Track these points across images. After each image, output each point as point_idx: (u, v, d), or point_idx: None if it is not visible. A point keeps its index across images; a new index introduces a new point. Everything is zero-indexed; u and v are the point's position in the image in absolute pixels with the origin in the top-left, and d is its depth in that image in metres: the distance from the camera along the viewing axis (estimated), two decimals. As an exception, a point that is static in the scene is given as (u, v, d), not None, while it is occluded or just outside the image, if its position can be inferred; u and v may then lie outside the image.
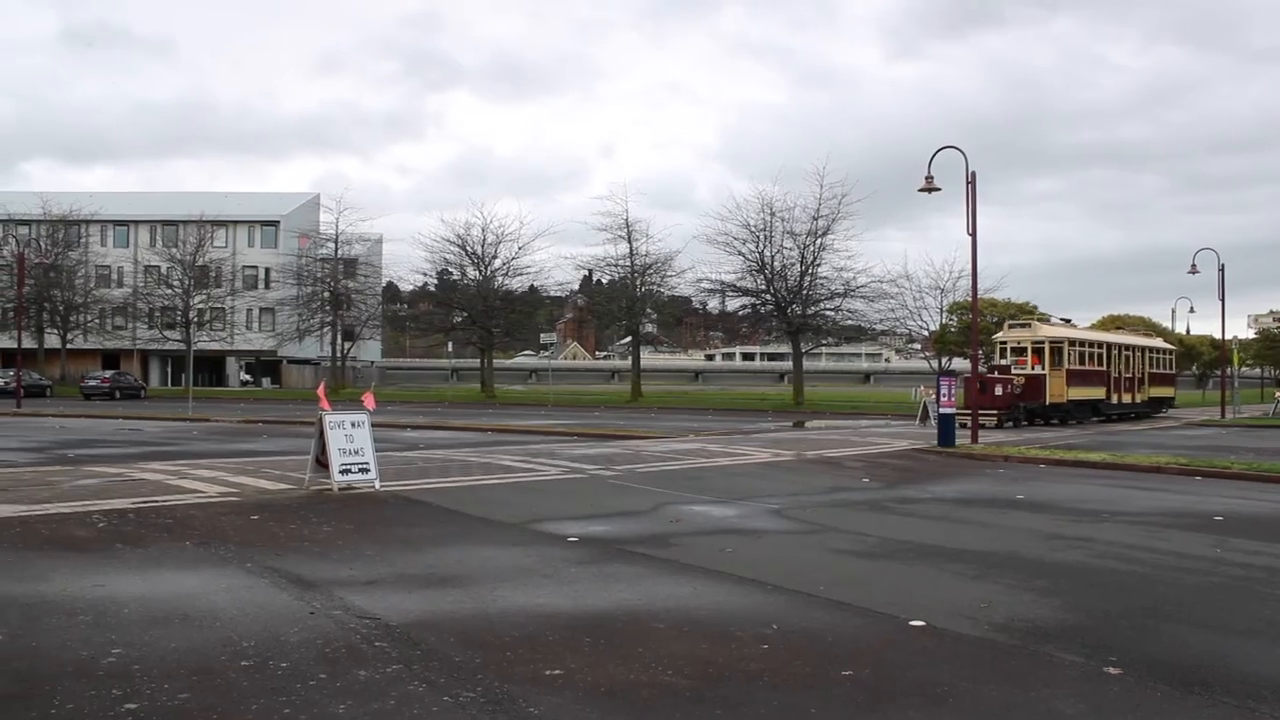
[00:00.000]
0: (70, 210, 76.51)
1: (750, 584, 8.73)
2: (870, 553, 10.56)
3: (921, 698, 5.63)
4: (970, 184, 25.76)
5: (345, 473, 14.27)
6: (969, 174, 25.71)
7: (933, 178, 26.12)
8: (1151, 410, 45.16)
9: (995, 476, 19.45)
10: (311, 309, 72.15)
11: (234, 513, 12.23)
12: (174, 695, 5.44)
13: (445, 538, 10.93)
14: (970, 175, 25.71)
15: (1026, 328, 38.82)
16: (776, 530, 12.08)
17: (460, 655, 6.25)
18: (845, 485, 17.18)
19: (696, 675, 5.96)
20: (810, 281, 58.32)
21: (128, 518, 11.63)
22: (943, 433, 25.51)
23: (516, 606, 7.68)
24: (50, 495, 13.45)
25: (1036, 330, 38.16)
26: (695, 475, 17.75)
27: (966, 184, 25.81)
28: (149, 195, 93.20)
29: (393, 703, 5.36)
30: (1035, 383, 36.02)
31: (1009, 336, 38.38)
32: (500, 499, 14.09)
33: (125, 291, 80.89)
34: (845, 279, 57.99)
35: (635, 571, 9.22)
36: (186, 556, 9.58)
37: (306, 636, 6.65)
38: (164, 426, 33.18)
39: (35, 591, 7.92)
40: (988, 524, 12.91)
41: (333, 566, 9.11)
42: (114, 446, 23.83)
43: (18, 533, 10.53)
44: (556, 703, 5.42)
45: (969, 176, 25.73)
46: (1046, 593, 8.53)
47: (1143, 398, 43.53)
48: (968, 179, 25.77)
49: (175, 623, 6.99)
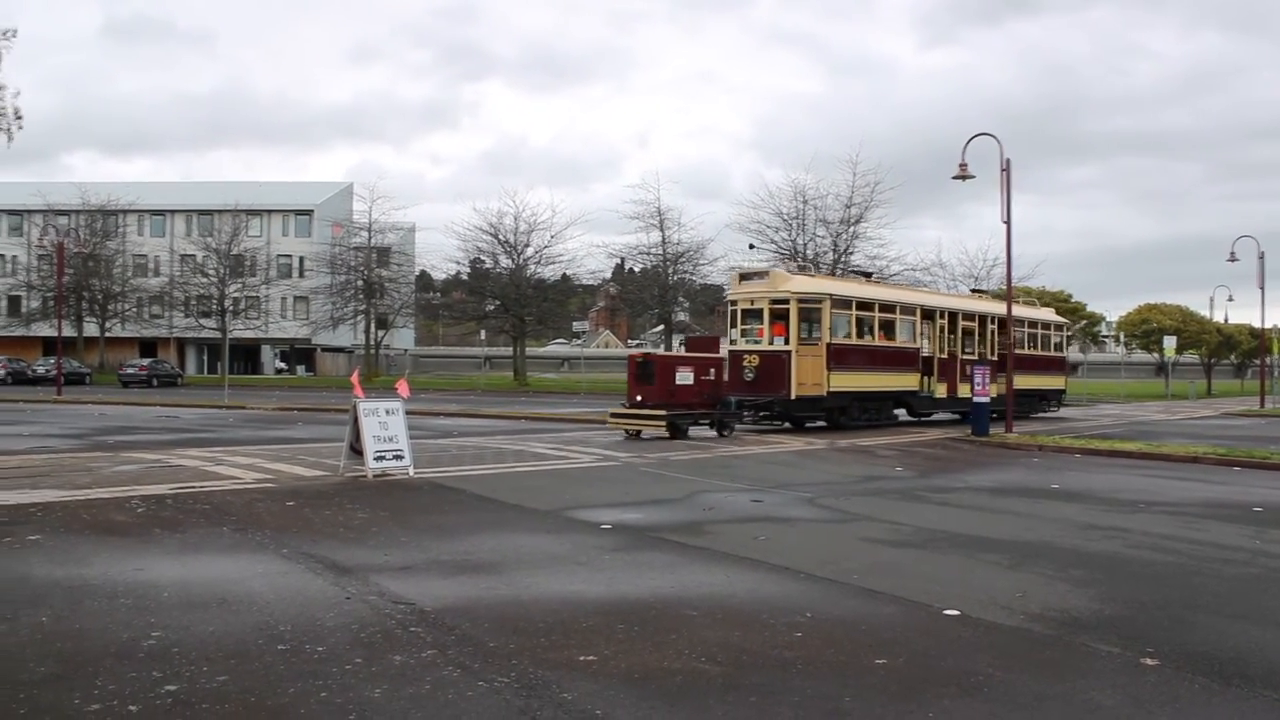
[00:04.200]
0: (108, 200, 77.35)
1: (783, 572, 8.72)
2: (904, 541, 10.52)
3: (956, 687, 5.61)
4: (1005, 171, 25.54)
5: (380, 459, 14.36)
6: (1004, 161, 25.49)
7: (966, 165, 25.92)
8: (1022, 408, 32.57)
9: (1029, 466, 19.33)
10: (345, 297, 72.60)
11: (270, 499, 12.34)
12: (212, 678, 5.50)
13: (479, 524, 10.98)
14: (1005, 163, 25.49)
15: (764, 278, 26.55)
16: (809, 518, 12.05)
17: (494, 641, 6.29)
18: (878, 474, 17.11)
19: (730, 662, 5.96)
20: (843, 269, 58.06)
21: (166, 503, 11.76)
22: (977, 421, 25.39)
23: (550, 593, 7.71)
24: (91, 481, 13.63)
25: (777, 282, 25.98)
26: (727, 463, 17.73)
27: (1001, 171, 25.59)
28: (185, 185, 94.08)
29: (428, 687, 5.39)
30: (774, 364, 24.74)
31: (741, 293, 26.27)
32: (533, 486, 14.14)
33: (162, 280, 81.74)
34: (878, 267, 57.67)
35: (668, 559, 9.23)
36: (223, 542, 9.67)
37: (342, 621, 6.70)
38: (200, 414, 33.51)
39: (77, 575, 8.02)
40: (1022, 513, 12.83)
41: (368, 552, 9.18)
42: (152, 433, 24.10)
43: (60, 517, 10.68)
44: (590, 689, 5.43)
45: (1003, 164, 25.51)
46: (1082, 583, 8.47)
47: (998, 390, 30.11)
48: (1002, 166, 25.55)
49: (213, 607, 7.07)
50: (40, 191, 77.58)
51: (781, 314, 25.11)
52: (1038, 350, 34.94)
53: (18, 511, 10.94)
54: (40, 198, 77.03)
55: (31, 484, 13.25)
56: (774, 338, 25.10)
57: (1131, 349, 71.40)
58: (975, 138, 26.11)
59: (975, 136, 26.12)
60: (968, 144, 26.00)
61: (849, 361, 25.81)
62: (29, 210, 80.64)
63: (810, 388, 24.80)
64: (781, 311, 25.10)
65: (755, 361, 24.89)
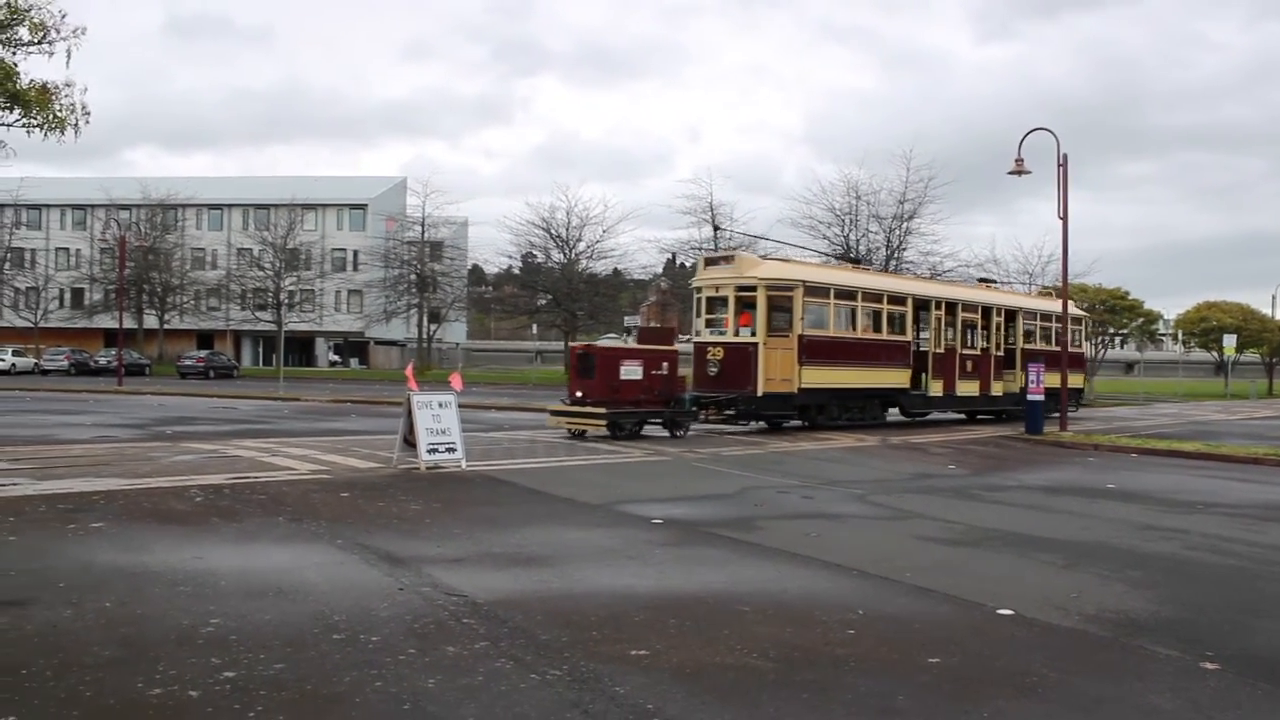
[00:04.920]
0: (168, 195, 78.61)
1: (835, 569, 8.68)
2: (957, 540, 10.43)
3: (1011, 688, 5.55)
4: (1062, 166, 25.22)
5: (432, 452, 14.48)
6: (1060, 156, 25.17)
7: (1023, 160, 25.64)
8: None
9: (1085, 465, 19.09)
10: (398, 291, 73.17)
11: (324, 490, 12.48)
12: (269, 665, 5.58)
13: (531, 518, 11.04)
14: (1062, 158, 25.16)
15: (730, 263, 24.01)
16: (861, 515, 11.99)
17: (546, 634, 6.32)
18: (930, 471, 16.98)
19: (782, 659, 5.95)
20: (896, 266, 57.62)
21: (223, 493, 11.94)
22: (1031, 419, 25.12)
23: (602, 587, 7.74)
24: (151, 470, 13.87)
25: (743, 267, 23.39)
26: (780, 459, 17.68)
27: (1058, 166, 25.28)
28: (242, 180, 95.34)
29: (480, 679, 5.43)
30: (739, 358, 22.50)
31: (706, 279, 23.98)
32: (584, 480, 14.19)
33: (219, 274, 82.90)
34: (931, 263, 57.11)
35: (719, 554, 9.23)
36: (279, 531, 9.81)
37: (396, 612, 6.77)
38: (256, 405, 33.97)
39: (139, 562, 8.17)
40: (1077, 513, 12.67)
41: (421, 544, 9.26)
42: (209, 424, 24.47)
43: (121, 505, 10.88)
44: (642, 683, 5.45)
45: (1060, 159, 25.19)
46: (1139, 584, 8.36)
47: (1006, 388, 29.51)
48: (1059, 161, 25.24)
49: (270, 595, 7.17)
50: (103, 186, 79.15)
51: (749, 302, 22.83)
52: (1051, 345, 31.69)
53: (82, 499, 11.16)
54: (103, 193, 78.58)
55: (95, 472, 13.51)
56: (740, 328, 22.83)
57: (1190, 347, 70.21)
58: (1032, 133, 25.82)
59: (1032, 131, 25.84)
60: (1024, 139, 25.73)
61: (825, 355, 23.43)
62: (92, 205, 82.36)
63: (779, 384, 22.46)
64: (749, 300, 22.80)
65: (719, 355, 22.73)
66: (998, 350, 29.18)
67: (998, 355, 29.08)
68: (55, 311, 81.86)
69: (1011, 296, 34.30)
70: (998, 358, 29.06)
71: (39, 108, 10.55)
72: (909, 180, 56.15)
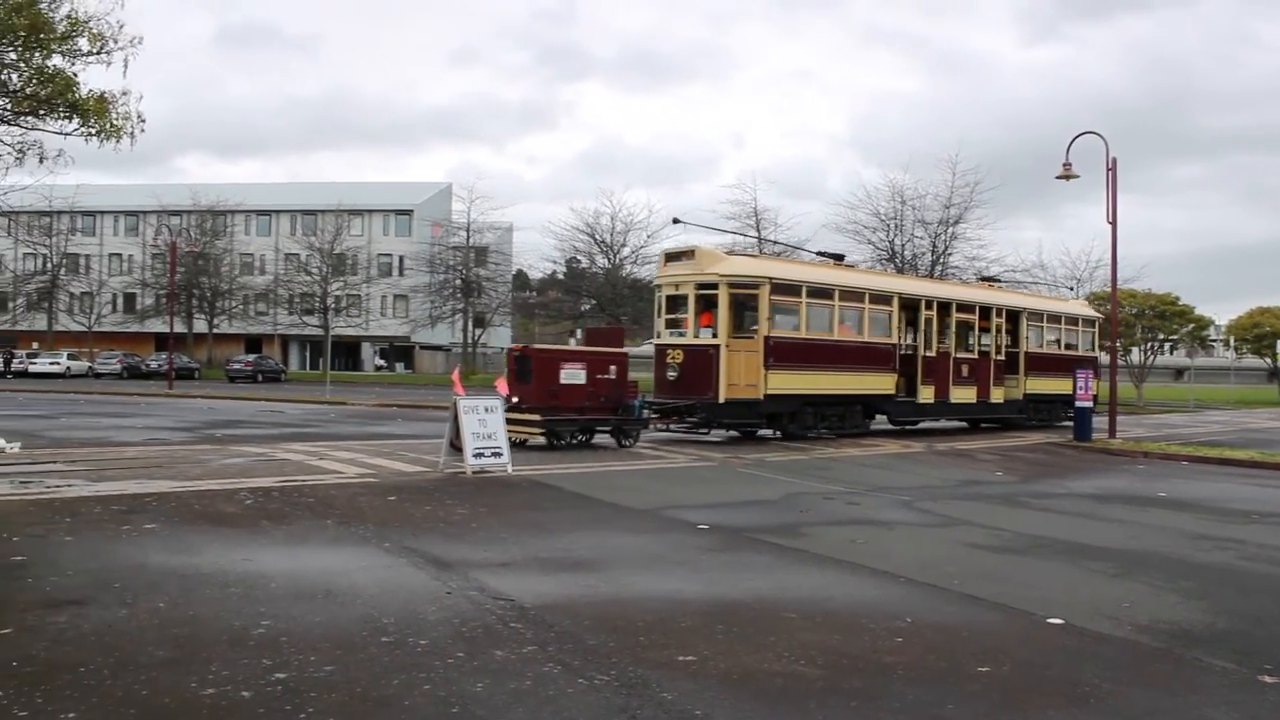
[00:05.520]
0: (217, 201, 79.69)
1: (882, 576, 8.63)
2: (1004, 547, 10.34)
3: (1062, 698, 5.49)
4: (1111, 171, 24.92)
5: (479, 456, 14.55)
6: (1109, 160, 24.86)
7: (1071, 164, 25.35)
8: (1037, 416, 29.30)
9: (1134, 473, 18.85)
10: (443, 296, 73.65)
11: (372, 493, 12.59)
12: (320, 667, 5.64)
13: (577, 522, 11.07)
14: (1111, 162, 24.86)
15: (690, 259, 22.10)
16: (907, 522, 11.91)
17: (594, 639, 6.33)
18: (977, 478, 16.84)
19: (829, 666, 5.92)
20: (941, 270, 57.17)
21: (272, 496, 12.07)
22: (1079, 426, 24.85)
23: (648, 592, 7.74)
24: (201, 472, 14.06)
25: (704, 262, 21.64)
26: (825, 465, 17.61)
27: (1107, 170, 24.97)
28: (289, 186, 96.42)
29: (529, 683, 5.45)
30: (700, 361, 20.86)
31: (666, 276, 22.46)
32: (630, 485, 14.21)
33: (267, 279, 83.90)
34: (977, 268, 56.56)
35: (766, 560, 9.21)
36: (328, 535, 9.90)
37: (444, 615, 6.81)
38: (303, 409, 34.32)
39: (190, 564, 8.28)
40: (1127, 521, 12.51)
41: (468, 548, 9.31)
42: (257, 427, 24.75)
43: (173, 507, 11.03)
44: (690, 689, 5.44)
45: (1109, 163, 24.88)
46: (1193, 595, 8.23)
47: (1008, 394, 27.81)
48: (1108, 165, 24.93)
49: (319, 598, 7.24)
50: (155, 193, 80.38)
51: (710, 301, 21.09)
52: (1060, 349, 30.30)
53: (135, 501, 11.34)
54: (155, 199, 79.84)
55: (147, 474, 13.72)
56: (701, 329, 21.15)
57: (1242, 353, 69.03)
58: (1080, 136, 25.52)
59: (1080, 135, 25.53)
60: (1072, 143, 25.42)
61: (795, 359, 21.62)
62: (144, 211, 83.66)
63: (743, 389, 20.70)
64: (710, 298, 21.07)
65: (679, 358, 21.12)
66: (998, 354, 27.38)
67: (998, 360, 27.33)
68: (108, 316, 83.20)
69: (1015, 296, 32.37)
70: (998, 362, 27.31)
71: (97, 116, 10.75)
72: (954, 184, 55.76)
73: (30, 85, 10.92)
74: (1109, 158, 24.91)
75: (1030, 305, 30.13)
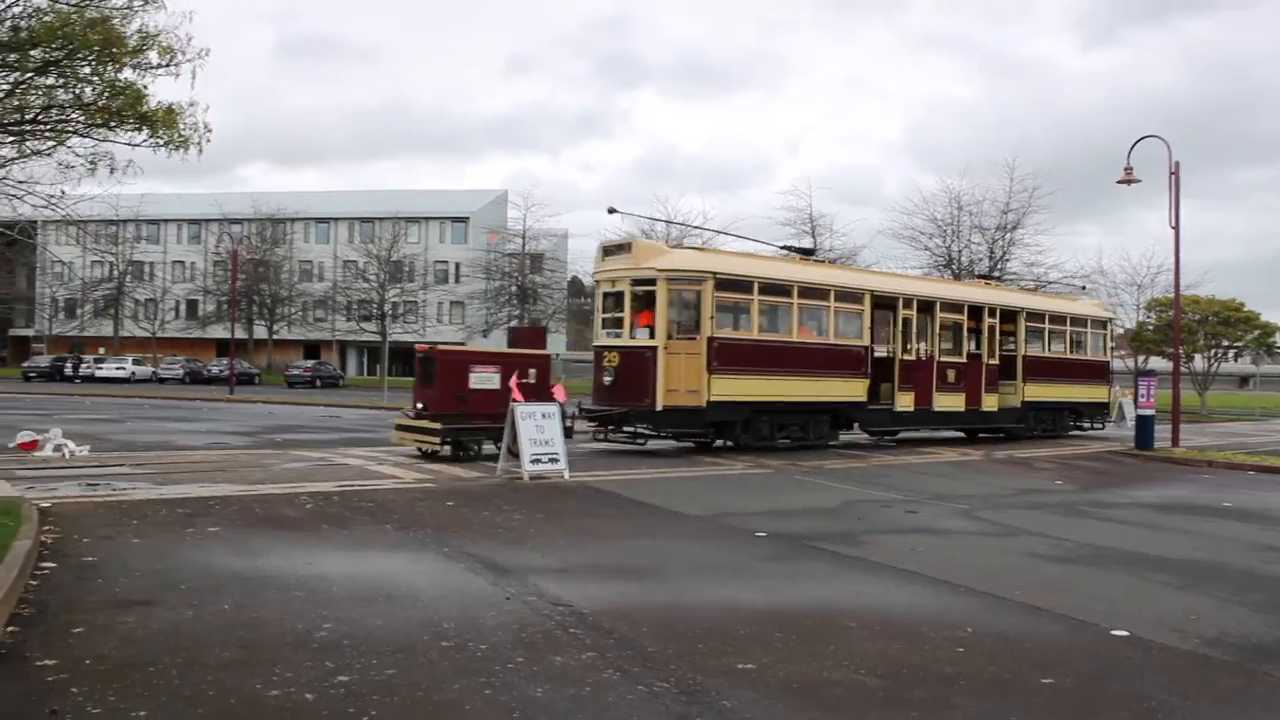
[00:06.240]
0: (277, 209, 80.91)
1: (941, 585, 8.56)
2: (1066, 557, 10.20)
3: (1128, 712, 5.41)
4: (1174, 175, 24.51)
5: (536, 462, 14.62)
6: (1172, 164, 24.47)
7: (1132, 169, 24.96)
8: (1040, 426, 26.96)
9: (1199, 482, 18.51)
10: (499, 302, 74.08)
11: (430, 498, 12.69)
12: (381, 670, 5.70)
13: (634, 529, 11.09)
14: (1173, 166, 24.46)
15: (627, 252, 20.31)
16: (966, 531, 11.79)
17: (653, 645, 6.34)
18: (1037, 487, 16.63)
19: (889, 675, 5.88)
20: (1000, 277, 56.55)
21: (332, 500, 12.21)
22: (1141, 434, 24.44)
23: (707, 599, 7.73)
24: (262, 476, 14.27)
25: (641, 256, 19.85)
26: (883, 473, 17.48)
27: (1170, 175, 24.58)
28: (348, 194, 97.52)
29: (588, 689, 5.48)
30: (636, 365, 19.08)
31: (603, 271, 20.63)
32: (686, 492, 14.20)
33: (325, 286, 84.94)
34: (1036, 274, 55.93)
35: (824, 568, 9.16)
36: (387, 539, 10.00)
37: (503, 621, 6.86)
38: (361, 414, 34.67)
39: (253, 566, 8.41)
40: (1192, 532, 12.29)
41: (526, 554, 9.36)
42: (316, 432, 25.04)
43: (235, 511, 11.21)
44: (750, 696, 5.44)
45: (1172, 167, 24.49)
46: (1261, 607, 8.07)
47: (1004, 401, 25.35)
48: (1171, 170, 24.53)
49: (379, 601, 7.31)
50: (217, 202, 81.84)
51: (649, 299, 19.26)
52: (1067, 353, 27.87)
53: (199, 504, 11.53)
54: (217, 208, 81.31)
55: (210, 478, 13.95)
56: (637, 330, 19.28)
57: (1312, 361, 67.52)
58: (1141, 140, 25.12)
59: (1142, 139, 25.13)
60: (1133, 147, 25.03)
61: (744, 362, 19.57)
62: (207, 220, 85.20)
63: (683, 396, 18.73)
64: (648, 295, 19.25)
65: (615, 361, 19.36)
66: (991, 358, 24.91)
67: (991, 364, 24.85)
68: (171, 322, 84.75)
69: (1013, 294, 29.63)
70: (991, 366, 24.84)
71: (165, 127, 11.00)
72: (1012, 190, 55.15)
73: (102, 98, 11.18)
74: (1171, 162, 24.52)
75: (1029, 304, 27.62)
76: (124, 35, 11.09)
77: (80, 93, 11.25)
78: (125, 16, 11.15)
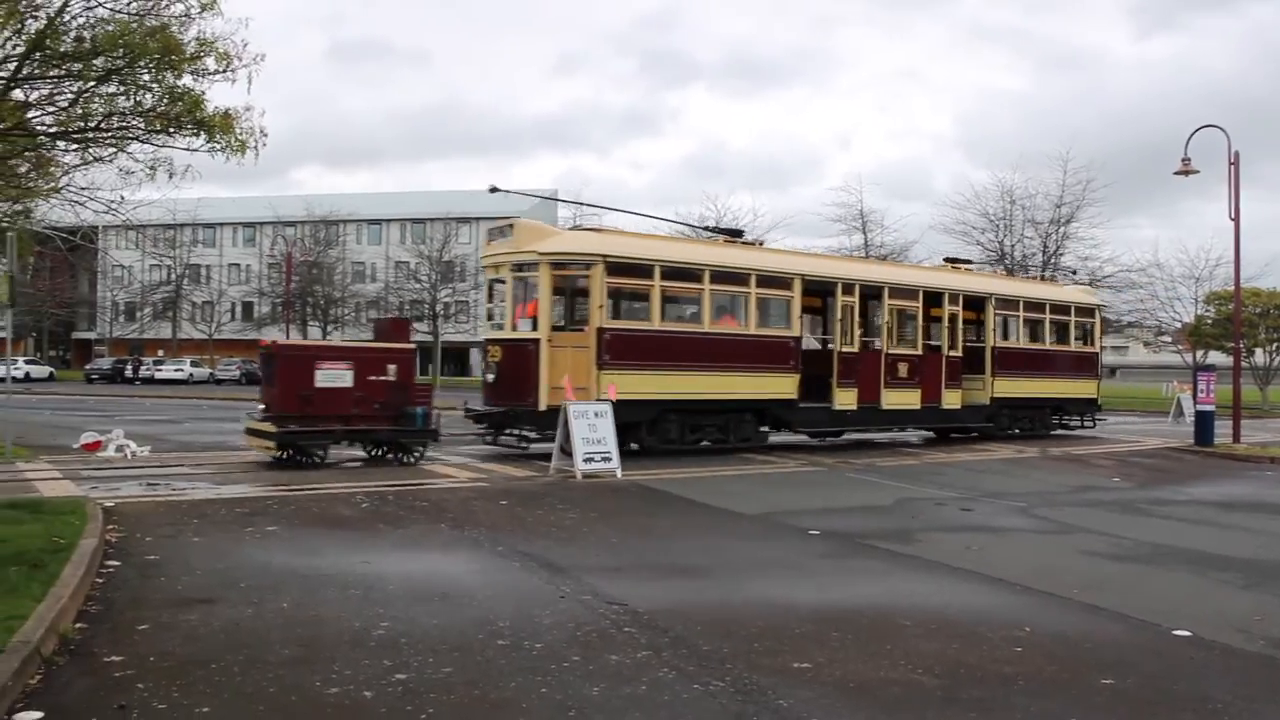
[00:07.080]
0: (330, 211, 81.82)
1: (998, 584, 8.48)
2: (1124, 555, 10.06)
3: (1191, 714, 5.33)
4: (1233, 165, 24.05)
5: (588, 461, 14.66)
6: (1232, 154, 24.00)
7: (1189, 160, 24.52)
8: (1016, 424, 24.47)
9: (1261, 479, 18.18)
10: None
11: (483, 498, 12.77)
12: (438, 669, 5.75)
13: (687, 528, 11.09)
14: (1233, 156, 24.00)
15: (509, 234, 18.27)
16: (1023, 529, 11.67)
17: (708, 644, 6.34)
18: (1094, 484, 16.42)
19: (947, 675, 5.84)
20: (1053, 272, 55.82)
21: (387, 499, 12.32)
22: (1200, 431, 23.99)
23: (760, 598, 7.72)
24: (319, 475, 14.42)
25: (523, 238, 17.87)
26: (936, 470, 17.34)
27: (1229, 165, 24.09)
28: (399, 195, 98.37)
29: (644, 688, 5.49)
30: (518, 359, 17.35)
31: (487, 256, 19.29)
32: (738, 490, 14.18)
33: (378, 286, 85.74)
34: (1090, 269, 55.14)
35: (878, 566, 9.11)
36: (442, 538, 10.09)
37: (558, 619, 6.89)
38: (414, 414, 34.93)
39: (311, 565, 8.52)
40: (1254, 530, 12.08)
41: (579, 552, 9.40)
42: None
43: (293, 509, 11.35)
44: (807, 696, 5.42)
45: (1232, 157, 24.01)
46: (1329, 607, 7.91)
47: (969, 398, 22.87)
48: (1230, 160, 24.05)
49: (435, 600, 7.38)
50: (271, 205, 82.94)
51: (532, 285, 17.54)
52: (1047, 344, 25.26)
53: (257, 503, 11.69)
54: (271, 211, 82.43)
55: (266, 479, 14.13)
56: (519, 321, 17.54)
57: (1378, 355, 65.97)
58: (1200, 130, 24.67)
59: (1200, 129, 24.67)
60: (1191, 137, 24.59)
61: (643, 356, 17.48)
62: (261, 223, 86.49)
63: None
64: (531, 281, 17.53)
65: (497, 355, 17.80)
66: (953, 350, 22.40)
67: (953, 356, 22.34)
68: (227, 324, 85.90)
69: (980, 279, 26.35)
70: (953, 359, 22.34)
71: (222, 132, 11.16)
72: (1065, 183, 54.33)
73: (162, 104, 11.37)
74: (1230, 151, 24.06)
75: (1000, 290, 24.92)
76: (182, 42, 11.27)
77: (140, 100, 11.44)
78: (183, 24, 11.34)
